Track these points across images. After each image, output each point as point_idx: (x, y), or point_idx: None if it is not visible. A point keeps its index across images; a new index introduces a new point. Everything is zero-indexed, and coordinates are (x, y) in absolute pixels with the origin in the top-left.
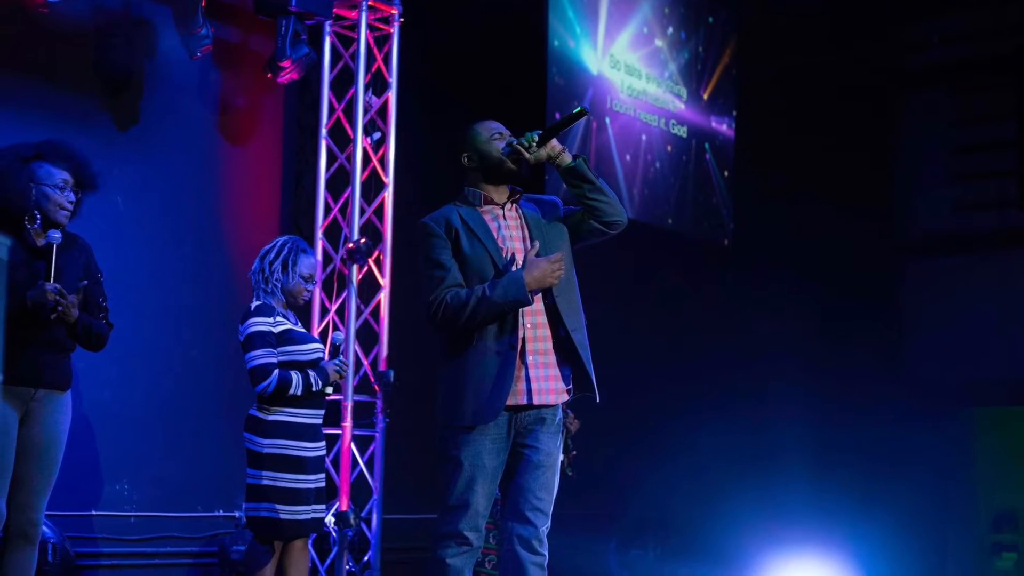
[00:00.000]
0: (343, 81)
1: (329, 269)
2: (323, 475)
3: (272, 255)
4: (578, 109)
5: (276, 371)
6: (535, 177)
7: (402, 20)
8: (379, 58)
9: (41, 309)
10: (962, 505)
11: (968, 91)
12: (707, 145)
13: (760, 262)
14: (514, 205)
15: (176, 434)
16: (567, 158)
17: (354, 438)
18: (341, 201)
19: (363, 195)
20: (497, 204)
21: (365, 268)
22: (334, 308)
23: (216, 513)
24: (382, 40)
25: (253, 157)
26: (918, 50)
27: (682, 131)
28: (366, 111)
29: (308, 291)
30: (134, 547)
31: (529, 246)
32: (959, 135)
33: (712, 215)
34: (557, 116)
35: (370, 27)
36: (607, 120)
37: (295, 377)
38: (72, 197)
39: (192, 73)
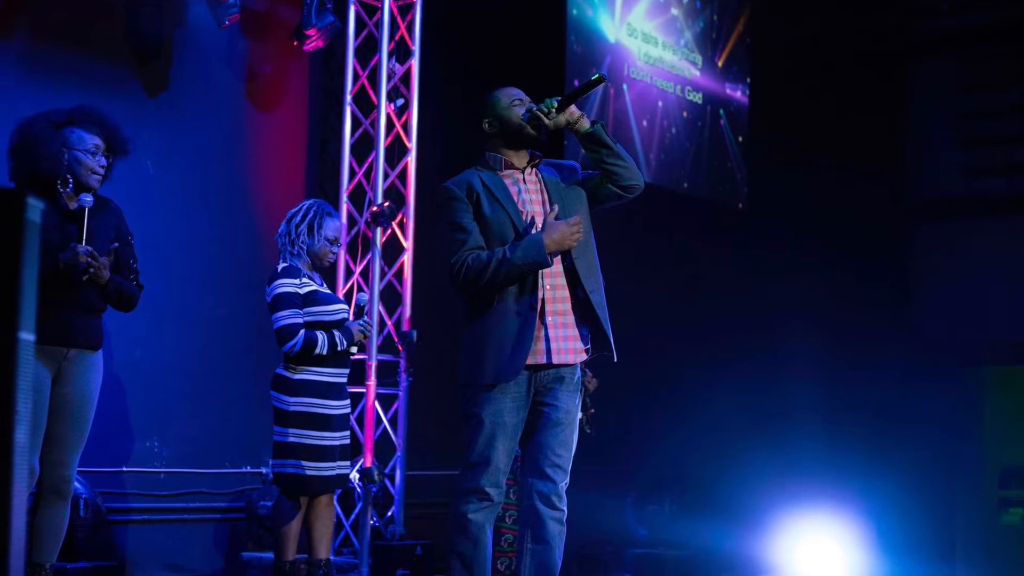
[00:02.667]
0: (367, 49)
1: (354, 232)
2: (348, 432)
3: (298, 218)
4: (596, 76)
5: (302, 331)
6: (554, 142)
7: None
8: (402, 26)
9: (73, 271)
10: (969, 462)
11: (977, 58)
12: (722, 111)
13: (773, 225)
14: (534, 170)
15: (204, 392)
16: (585, 124)
17: (378, 396)
18: (365, 166)
19: (387, 160)
20: (517, 169)
21: (389, 231)
22: (358, 270)
23: (243, 469)
24: (405, 9)
25: (279, 123)
26: (928, 17)
27: (697, 97)
28: (390, 78)
29: (333, 253)
30: (164, 502)
31: (548, 209)
32: (968, 101)
33: (727, 179)
34: (576, 83)
35: None
36: (624, 87)
37: (320, 337)
38: (103, 162)
39: (220, 41)
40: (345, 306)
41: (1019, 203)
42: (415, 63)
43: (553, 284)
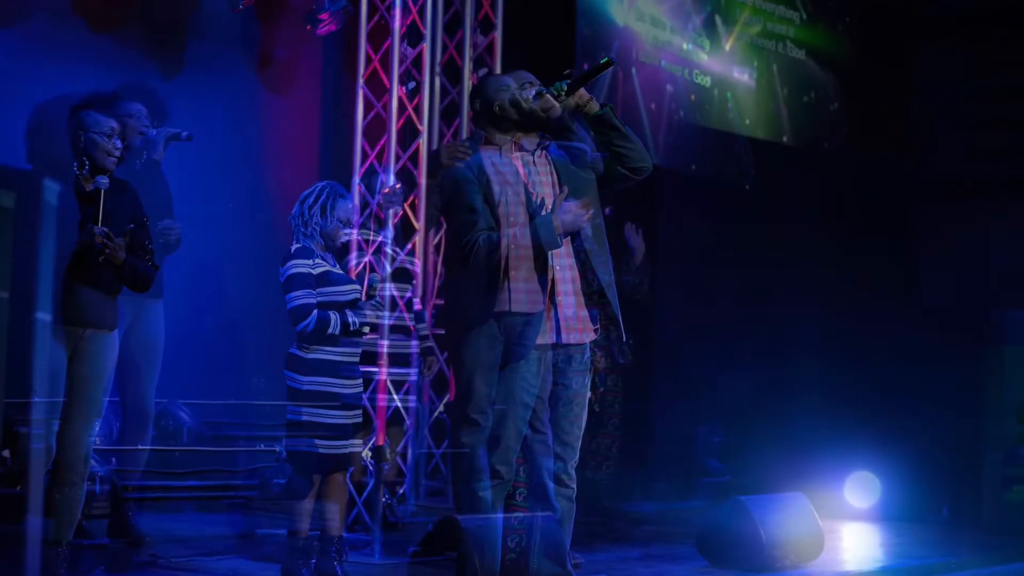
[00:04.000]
0: (379, 33)
1: (366, 213)
2: (360, 411)
3: (311, 200)
4: (605, 60)
5: (315, 311)
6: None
7: None
8: (414, 11)
9: (89, 252)
10: (974, 440)
11: (982, 41)
12: (729, 94)
13: (780, 205)
14: (543, 151)
15: (218, 371)
16: (595, 107)
17: (390, 376)
18: (377, 148)
19: (398, 142)
20: (527, 150)
21: (400, 212)
22: (371, 251)
23: (257, 447)
24: None
25: (293, 106)
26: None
27: (705, 81)
28: (401, 62)
29: (346, 234)
30: (178, 480)
31: (558, 191)
32: (972, 83)
33: (734, 161)
34: (585, 66)
35: None
36: (633, 70)
37: (333, 317)
38: (119, 144)
39: (234, 25)
40: (357, 286)
41: (1023, 184)
42: (426, 47)
43: (563, 265)
